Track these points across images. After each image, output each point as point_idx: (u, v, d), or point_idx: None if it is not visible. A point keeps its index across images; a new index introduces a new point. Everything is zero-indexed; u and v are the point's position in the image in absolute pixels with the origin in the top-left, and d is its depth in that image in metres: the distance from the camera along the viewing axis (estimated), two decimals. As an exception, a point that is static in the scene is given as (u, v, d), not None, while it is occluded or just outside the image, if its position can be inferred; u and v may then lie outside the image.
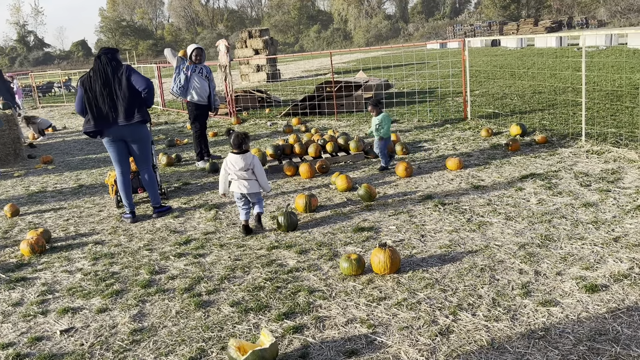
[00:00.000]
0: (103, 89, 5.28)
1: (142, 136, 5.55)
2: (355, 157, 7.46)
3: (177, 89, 7.85)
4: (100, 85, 5.29)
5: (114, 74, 5.31)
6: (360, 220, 5.02)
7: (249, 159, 4.97)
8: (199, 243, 4.81)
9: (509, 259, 3.90)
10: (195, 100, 7.89)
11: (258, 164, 4.97)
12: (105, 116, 5.33)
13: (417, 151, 7.69)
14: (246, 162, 4.93)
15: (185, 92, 7.84)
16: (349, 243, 4.48)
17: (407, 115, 10.93)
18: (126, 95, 5.30)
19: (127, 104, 5.32)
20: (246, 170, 4.93)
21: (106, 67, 5.33)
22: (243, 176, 4.91)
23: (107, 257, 4.68)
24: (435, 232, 4.53)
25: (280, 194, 6.19)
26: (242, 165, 4.91)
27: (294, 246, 4.52)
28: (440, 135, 8.71)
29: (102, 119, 5.34)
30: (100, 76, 5.31)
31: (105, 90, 5.28)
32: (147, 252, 4.73)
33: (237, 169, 4.93)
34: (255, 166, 4.94)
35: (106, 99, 5.29)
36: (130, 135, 5.45)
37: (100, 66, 5.33)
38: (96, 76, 5.31)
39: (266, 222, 5.22)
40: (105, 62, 5.35)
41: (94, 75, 5.33)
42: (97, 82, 5.30)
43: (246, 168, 4.95)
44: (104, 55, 5.37)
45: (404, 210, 5.17)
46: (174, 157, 8.51)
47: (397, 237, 4.51)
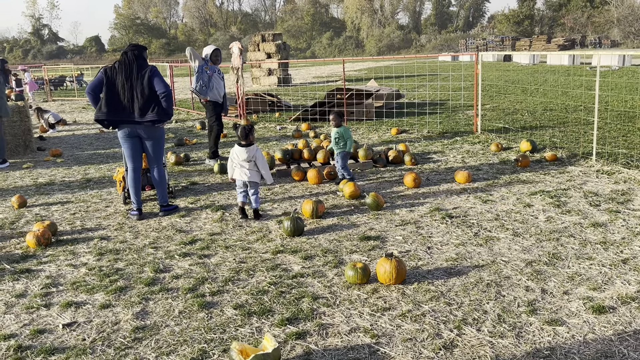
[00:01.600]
0: (125, 82, 5.32)
1: (157, 135, 5.58)
2: (363, 165, 7.45)
3: (200, 87, 7.97)
4: (122, 78, 5.33)
5: (139, 71, 5.35)
6: (367, 229, 5.01)
7: (252, 152, 5.29)
8: (205, 243, 4.81)
9: (515, 275, 3.87)
10: (215, 99, 8.08)
11: (261, 156, 5.29)
12: (122, 108, 5.36)
13: (425, 162, 7.69)
14: (249, 154, 5.29)
15: (207, 90, 7.99)
16: (355, 251, 4.47)
17: (417, 126, 10.93)
18: (145, 93, 5.33)
19: (145, 102, 5.35)
20: (249, 162, 5.26)
21: (132, 62, 5.37)
22: (246, 166, 5.26)
23: (112, 253, 4.69)
24: (442, 245, 4.51)
25: (287, 199, 6.20)
26: (246, 157, 5.26)
27: (299, 251, 4.51)
28: (449, 147, 8.71)
29: (118, 110, 5.37)
30: (125, 70, 5.34)
31: (127, 84, 5.32)
32: (152, 250, 4.74)
33: (241, 159, 5.28)
34: (258, 158, 5.28)
35: (126, 92, 5.33)
36: (146, 133, 5.48)
37: (127, 60, 5.37)
38: (120, 69, 5.35)
39: (272, 226, 5.22)
40: (132, 58, 5.38)
41: (118, 67, 5.37)
42: (120, 75, 5.34)
43: (249, 159, 5.27)
44: (131, 52, 5.41)
45: (411, 221, 5.17)
46: (182, 156, 8.53)
47: (404, 247, 4.50)
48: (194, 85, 8.04)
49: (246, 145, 5.27)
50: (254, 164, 5.28)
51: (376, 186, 6.57)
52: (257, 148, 5.32)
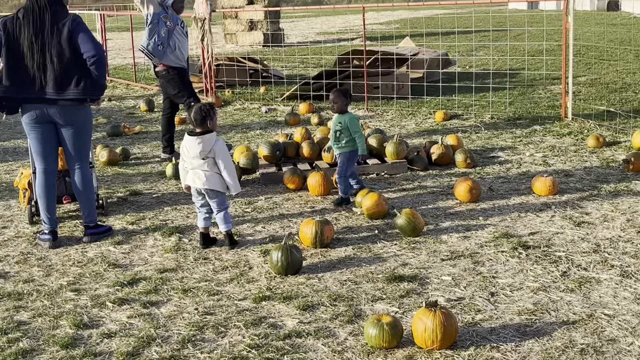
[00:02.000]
0: (34, 40, 5.35)
1: (80, 120, 5.60)
2: (393, 167, 7.47)
3: (154, 46, 8.07)
4: (29, 34, 5.36)
5: (54, 22, 5.38)
6: (398, 264, 5.01)
7: (210, 143, 5.27)
8: (151, 285, 4.82)
9: (624, 337, 3.87)
10: (173, 64, 8.24)
11: (222, 151, 5.29)
12: (29, 81, 5.39)
13: (487, 164, 7.69)
14: (205, 147, 5.24)
15: (164, 51, 8.14)
16: (380, 298, 4.47)
17: (476, 108, 10.93)
18: (64, 56, 5.37)
19: (63, 70, 5.38)
20: (204, 159, 5.25)
21: (43, 10, 5.40)
22: (200, 166, 5.25)
23: (12, 299, 4.69)
24: (513, 290, 4.51)
25: (276, 217, 6.19)
26: (199, 151, 5.24)
27: (294, 298, 4.51)
28: (524, 141, 8.70)
29: (24, 83, 5.40)
30: (33, 21, 5.38)
31: (37, 43, 5.36)
32: (72, 293, 4.74)
33: (192, 155, 5.28)
34: (218, 153, 5.26)
35: (35, 55, 5.36)
36: (64, 116, 5.50)
37: (36, 7, 5.40)
38: (26, 20, 5.39)
39: (254, 259, 5.23)
40: (44, 3, 5.41)
41: (23, 18, 5.41)
42: (26, 30, 5.38)
43: (204, 155, 5.26)
44: None
45: (465, 252, 5.16)
46: (119, 152, 8.57)
47: (454, 293, 4.49)
48: (145, 43, 8.10)
49: (200, 134, 5.30)
50: (212, 162, 5.28)
51: (412, 199, 6.55)
52: (218, 138, 5.36)
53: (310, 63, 18.37)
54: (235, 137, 9.87)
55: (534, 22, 27.50)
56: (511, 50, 18.10)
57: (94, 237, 5.78)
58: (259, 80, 14.57)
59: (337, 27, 34.52)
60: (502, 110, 10.64)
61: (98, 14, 17.53)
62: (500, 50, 18.68)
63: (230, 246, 5.46)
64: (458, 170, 7.48)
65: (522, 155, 8.00)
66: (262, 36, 25.44)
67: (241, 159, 7.51)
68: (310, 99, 12.11)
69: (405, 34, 20.89)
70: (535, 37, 20.71)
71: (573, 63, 10.07)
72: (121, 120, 11.63)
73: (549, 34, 20.20)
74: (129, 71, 17.86)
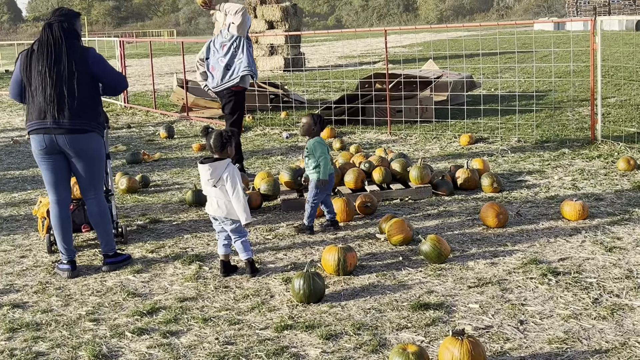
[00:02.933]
0: (48, 72, 5.42)
1: (91, 149, 5.65)
2: (417, 192, 7.45)
3: (254, 68, 8.62)
4: (44, 67, 5.43)
5: (70, 55, 5.48)
6: (424, 291, 4.99)
7: (220, 170, 5.30)
8: (171, 314, 4.83)
9: (660, 366, 3.81)
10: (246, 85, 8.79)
11: (233, 177, 5.29)
12: (41, 111, 5.46)
13: (515, 188, 7.66)
14: (215, 174, 5.29)
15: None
16: (405, 327, 4.45)
17: (502, 131, 10.90)
18: (80, 88, 5.46)
19: (77, 101, 5.46)
20: (216, 186, 5.30)
21: (60, 42, 5.49)
22: (213, 193, 5.32)
23: (31, 329, 4.72)
24: (543, 318, 4.47)
25: (298, 244, 6.20)
26: (208, 178, 5.31)
27: (317, 327, 4.50)
28: (552, 164, 8.67)
29: (35, 114, 5.49)
30: (48, 53, 5.45)
31: (51, 76, 5.42)
32: (91, 323, 4.76)
33: (204, 182, 5.37)
34: (227, 180, 5.27)
35: (48, 87, 5.42)
36: (74, 146, 5.55)
37: (51, 39, 5.49)
38: (41, 52, 5.47)
39: (275, 287, 5.22)
40: (59, 35, 5.50)
41: (38, 50, 5.50)
42: (41, 61, 5.45)
43: (214, 183, 5.31)
44: (58, 24, 5.52)
45: (493, 279, 5.13)
46: (138, 179, 8.64)
47: (482, 321, 4.46)
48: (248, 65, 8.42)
49: (213, 160, 5.34)
50: (224, 189, 5.30)
51: (437, 225, 6.54)
52: (229, 164, 5.36)
53: (331, 87, 18.46)
54: (256, 162, 9.92)
55: (561, 42, 27.46)
56: (537, 71, 18.07)
57: (113, 266, 5.81)
58: (279, 105, 14.67)
59: (359, 50, 34.72)
60: (529, 133, 10.61)
61: (117, 40, 17.76)
62: (526, 72, 18.65)
63: (251, 274, 5.46)
64: (484, 194, 7.46)
65: (551, 179, 7.96)
66: (283, 61, 25.65)
67: (262, 185, 7.54)
68: (331, 124, 12.15)
69: (429, 56, 20.92)
70: (562, 58, 20.67)
71: (602, 84, 10.04)
72: (141, 147, 11.73)
73: (576, 55, 20.17)
74: (149, 98, 18.06)
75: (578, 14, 59.13)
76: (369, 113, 12.27)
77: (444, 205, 7.15)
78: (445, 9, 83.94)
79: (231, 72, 8.46)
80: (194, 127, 13.50)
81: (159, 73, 25.96)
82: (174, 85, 16.44)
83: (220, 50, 8.53)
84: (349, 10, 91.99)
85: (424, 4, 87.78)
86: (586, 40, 10.65)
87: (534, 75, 17.14)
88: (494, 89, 15.99)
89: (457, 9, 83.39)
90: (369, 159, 7.97)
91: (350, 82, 18.57)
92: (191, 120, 14.26)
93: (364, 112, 12.33)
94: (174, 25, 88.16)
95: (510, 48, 24.19)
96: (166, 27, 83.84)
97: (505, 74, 19.09)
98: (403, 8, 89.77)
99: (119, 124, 14.60)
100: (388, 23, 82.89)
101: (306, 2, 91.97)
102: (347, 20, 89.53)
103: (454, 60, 22.07)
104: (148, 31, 74.13)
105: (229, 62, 8.44)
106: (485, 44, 29.88)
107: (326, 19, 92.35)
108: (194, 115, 14.53)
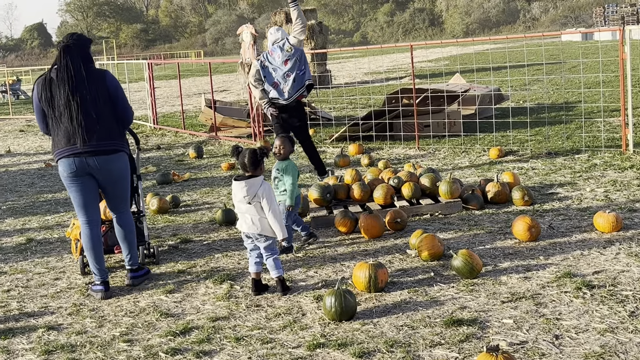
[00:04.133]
0: (71, 97, 5.49)
1: (120, 168, 5.75)
2: (447, 206, 7.43)
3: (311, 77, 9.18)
4: (67, 92, 5.50)
5: (90, 79, 5.56)
6: (456, 307, 4.96)
7: (255, 187, 5.31)
8: (204, 334, 4.84)
9: (701, 380, 3.74)
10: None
11: (268, 195, 5.31)
12: (69, 136, 5.54)
13: (546, 201, 7.60)
14: (250, 191, 5.30)
15: None
16: (438, 343, 4.42)
17: (532, 143, 10.83)
18: (106, 110, 5.56)
19: (105, 122, 5.57)
20: (250, 203, 5.31)
21: (79, 67, 5.56)
22: (247, 210, 5.32)
23: (66, 351, 4.76)
24: (578, 332, 4.42)
25: (329, 261, 6.20)
26: (244, 195, 5.30)
27: (350, 344, 4.48)
28: (584, 176, 8.59)
29: (64, 139, 5.57)
30: (69, 79, 5.52)
31: (74, 100, 5.49)
32: (125, 344, 4.79)
33: (238, 200, 5.36)
34: (264, 197, 5.29)
35: (74, 112, 5.49)
36: (105, 166, 5.64)
37: (70, 65, 5.55)
38: (61, 78, 5.53)
39: (307, 305, 5.22)
40: (78, 57, 5.59)
41: (57, 76, 5.56)
42: (63, 86, 5.51)
43: (250, 200, 5.32)
44: (76, 48, 5.60)
45: (526, 294, 5.09)
46: (169, 200, 8.70)
47: (516, 337, 4.42)
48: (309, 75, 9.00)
49: (246, 178, 5.37)
50: (259, 206, 5.33)
51: (468, 240, 6.50)
52: (264, 182, 5.39)
53: (358, 103, 18.49)
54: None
55: (589, 53, 27.28)
56: (566, 82, 17.95)
57: (137, 280, 5.95)
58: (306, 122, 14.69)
59: (385, 66, 34.75)
60: (559, 145, 10.53)
61: (146, 62, 17.97)
62: (555, 84, 18.54)
63: (283, 292, 5.46)
64: (515, 208, 7.41)
65: (583, 191, 7.89)
66: (310, 78, 25.69)
67: (291, 203, 7.56)
68: (359, 140, 12.17)
69: (455, 70, 20.90)
70: (590, 68, 20.52)
71: (632, 94, 9.95)
72: (170, 167, 11.83)
73: (605, 65, 20.01)
74: (177, 119, 18.22)
75: (606, 24, 58.70)
76: (396, 128, 12.27)
77: (474, 220, 7.11)
78: (471, 22, 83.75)
79: (297, 83, 8.85)
80: (223, 147, 13.60)
81: (187, 94, 26.21)
82: (202, 106, 16.59)
83: (283, 65, 8.81)
84: (374, 26, 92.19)
85: (450, 18, 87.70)
86: (615, 50, 10.57)
87: (563, 87, 17.04)
88: (523, 101, 15.90)
89: (483, 22, 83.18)
90: (397, 175, 7.96)
91: (377, 98, 18.59)
92: (220, 139, 14.36)
93: (392, 128, 12.33)
94: (201, 46, 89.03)
95: (538, 60, 24.05)
96: (193, 48, 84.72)
97: (533, 85, 18.98)
98: (428, 23, 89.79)
99: (149, 145, 14.76)
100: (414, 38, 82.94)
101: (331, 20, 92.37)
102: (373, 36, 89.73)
103: (481, 73, 21.98)
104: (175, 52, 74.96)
105: (295, 75, 8.80)
106: (513, 56, 29.73)
107: (352, 35, 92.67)
108: (222, 134, 14.64)
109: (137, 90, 26.47)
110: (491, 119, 12.03)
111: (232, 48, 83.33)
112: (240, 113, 15.69)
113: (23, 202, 9.99)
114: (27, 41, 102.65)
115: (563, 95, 15.74)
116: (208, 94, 16.90)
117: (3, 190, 11.05)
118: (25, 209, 9.46)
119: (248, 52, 12.74)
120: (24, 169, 13.02)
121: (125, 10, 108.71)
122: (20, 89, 33.21)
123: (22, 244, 7.63)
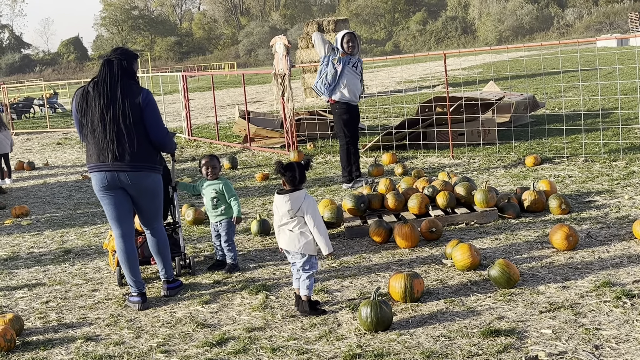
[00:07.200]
0: (105, 111, 5.53)
1: (152, 187, 5.79)
2: (483, 215, 7.37)
3: (321, 85, 9.68)
4: (101, 106, 5.54)
5: (125, 94, 5.58)
6: (494, 317, 4.92)
7: (299, 200, 5.19)
8: (240, 344, 4.86)
9: None
10: (346, 100, 9.61)
11: (312, 208, 5.19)
12: (101, 150, 5.58)
13: (583, 209, 7.51)
14: (293, 205, 5.18)
15: (333, 89, 9.60)
16: (476, 354, 4.39)
17: (569, 150, 10.71)
18: (138, 128, 5.57)
19: (137, 140, 5.57)
20: (293, 217, 5.19)
21: (116, 81, 5.60)
22: (288, 224, 5.22)
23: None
24: (619, 342, 4.36)
25: (364, 272, 6.19)
26: (287, 209, 5.19)
27: (386, 355, 4.47)
28: (622, 184, 8.48)
29: (96, 153, 5.61)
30: (104, 93, 5.56)
31: (108, 115, 5.53)
32: (162, 355, 4.83)
33: (281, 214, 5.25)
34: (308, 211, 5.17)
35: (107, 126, 5.53)
36: (136, 183, 5.67)
37: (108, 78, 5.61)
38: (97, 92, 5.59)
39: (343, 316, 5.21)
40: (117, 72, 5.63)
41: (94, 91, 5.61)
42: (97, 101, 5.57)
43: (293, 214, 5.19)
44: (117, 61, 5.65)
45: (565, 303, 5.03)
46: (204, 210, 8.74)
47: (555, 347, 4.37)
48: (315, 81, 9.80)
49: (289, 191, 5.23)
50: (302, 221, 5.19)
51: (505, 249, 6.45)
52: (307, 195, 5.27)
53: (391, 113, 18.46)
54: (318, 190, 9.96)
55: (625, 59, 26.95)
56: (602, 89, 17.74)
57: (172, 291, 6.01)
58: (340, 132, 14.69)
59: (418, 74, 34.68)
60: (596, 152, 10.40)
61: (180, 75, 18.15)
62: (591, 90, 18.33)
63: (303, 312, 5.28)
64: (552, 216, 7.33)
65: (621, 199, 7.78)
66: (342, 88, 25.74)
67: (325, 212, 7.56)
68: (393, 149, 12.14)
69: (489, 78, 20.78)
70: (627, 74, 20.26)
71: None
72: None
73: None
74: (212, 130, 18.36)
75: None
76: (430, 137, 12.24)
77: (511, 229, 7.05)
78: (504, 30, 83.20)
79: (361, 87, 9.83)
80: (257, 157, 13.66)
81: (221, 105, 26.41)
82: (236, 117, 16.70)
83: (354, 71, 9.56)
84: (407, 35, 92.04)
85: (482, 25, 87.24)
86: (652, 56, 10.42)
87: (599, 93, 16.84)
88: (558, 109, 15.75)
89: (516, 29, 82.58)
90: (432, 184, 7.92)
91: (410, 107, 18.55)
92: (253, 150, 14.43)
93: (425, 137, 12.30)
94: (234, 58, 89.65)
95: (573, 66, 23.82)
96: (227, 59, 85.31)
97: (568, 92, 18.79)
98: (461, 30, 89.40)
99: (184, 156, 14.88)
100: (446, 46, 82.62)
101: (364, 29, 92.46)
102: (405, 45, 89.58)
103: (515, 80, 21.85)
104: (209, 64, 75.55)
105: (360, 80, 9.74)
106: (547, 63, 29.50)
107: (384, 44, 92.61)
108: (255, 145, 14.71)
109: (172, 102, 26.71)
110: (526, 126, 11.93)
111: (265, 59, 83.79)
112: (273, 124, 15.76)
113: (61, 214, 10.12)
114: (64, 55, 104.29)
115: (599, 102, 15.56)
116: (242, 105, 17.02)
117: (42, 202, 11.22)
118: (63, 221, 9.59)
119: (281, 63, 12.78)
120: (62, 181, 13.21)
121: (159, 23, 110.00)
122: (57, 102, 33.73)
123: (60, 256, 7.73)
